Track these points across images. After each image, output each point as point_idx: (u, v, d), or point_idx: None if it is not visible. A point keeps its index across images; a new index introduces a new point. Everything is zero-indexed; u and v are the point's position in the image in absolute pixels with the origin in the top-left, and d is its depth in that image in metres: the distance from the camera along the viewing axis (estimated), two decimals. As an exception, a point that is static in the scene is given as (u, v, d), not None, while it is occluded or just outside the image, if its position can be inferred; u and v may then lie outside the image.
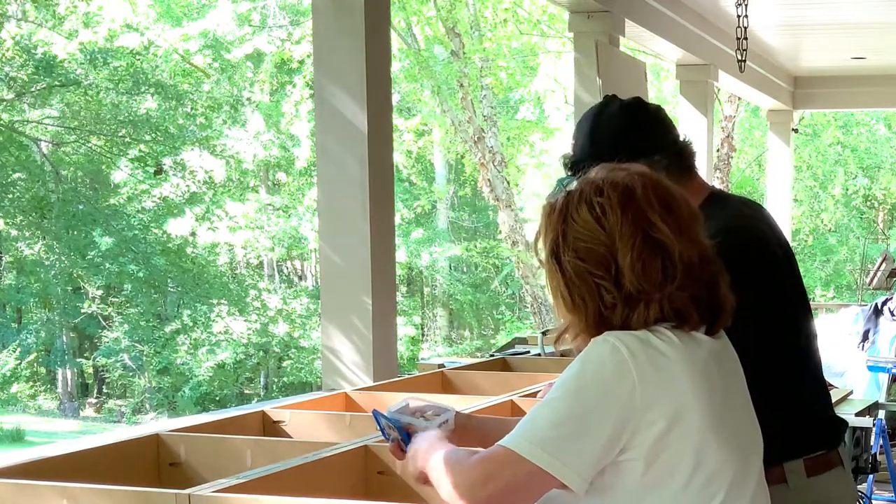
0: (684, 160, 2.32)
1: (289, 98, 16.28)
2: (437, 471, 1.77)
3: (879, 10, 8.06)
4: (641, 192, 1.73)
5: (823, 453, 2.26)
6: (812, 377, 2.35)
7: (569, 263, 1.73)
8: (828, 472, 2.26)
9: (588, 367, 1.67)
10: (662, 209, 1.72)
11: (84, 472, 2.57)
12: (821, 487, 2.24)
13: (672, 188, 1.78)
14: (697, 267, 1.72)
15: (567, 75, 13.81)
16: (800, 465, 2.22)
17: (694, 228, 1.75)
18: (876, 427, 5.68)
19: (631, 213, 1.71)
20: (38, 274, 19.11)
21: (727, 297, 1.78)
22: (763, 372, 2.09)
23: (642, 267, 1.69)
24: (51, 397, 21.66)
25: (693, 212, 1.77)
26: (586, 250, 1.72)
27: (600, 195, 1.73)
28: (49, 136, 18.73)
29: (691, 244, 1.73)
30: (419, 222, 21.66)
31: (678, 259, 1.70)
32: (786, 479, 2.19)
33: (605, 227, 1.71)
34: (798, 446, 2.23)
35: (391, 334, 4.60)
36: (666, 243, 1.70)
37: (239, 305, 20.00)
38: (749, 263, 2.13)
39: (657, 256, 1.70)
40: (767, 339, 2.20)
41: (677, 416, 1.66)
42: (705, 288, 1.74)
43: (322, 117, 4.41)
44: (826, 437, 2.30)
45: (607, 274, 1.71)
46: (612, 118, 2.30)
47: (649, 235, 1.70)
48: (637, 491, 1.68)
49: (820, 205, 21.39)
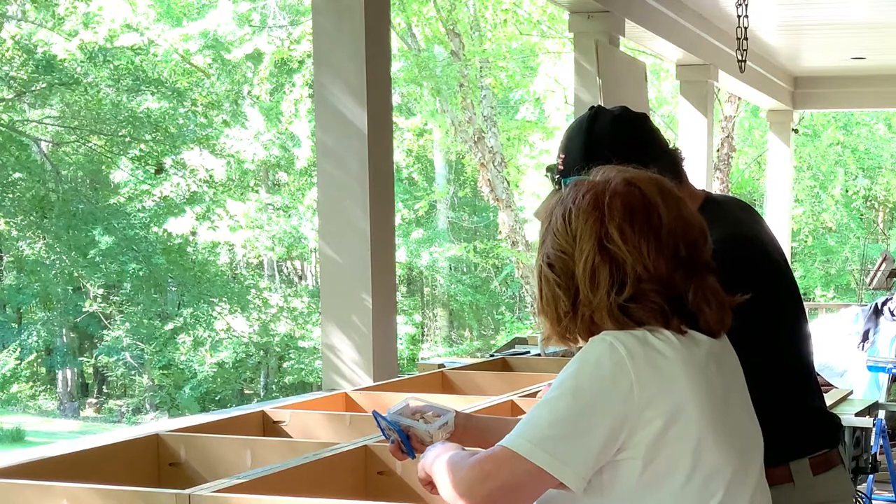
0: (677, 168, 2.30)
1: (288, 97, 16.27)
2: (440, 473, 1.78)
3: (879, 10, 8.06)
4: (608, 201, 1.72)
5: (825, 452, 2.27)
6: (810, 378, 2.37)
7: (541, 268, 1.77)
8: (830, 470, 2.27)
9: (586, 366, 1.67)
10: (624, 219, 1.71)
11: (84, 472, 2.57)
12: (824, 486, 2.25)
13: (651, 198, 1.74)
14: (663, 277, 1.70)
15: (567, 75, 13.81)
16: (805, 465, 2.22)
17: (664, 238, 1.72)
18: (876, 427, 5.68)
19: (591, 221, 1.71)
20: (39, 273, 19.10)
21: (702, 306, 1.74)
22: (767, 374, 2.12)
23: (592, 276, 1.70)
24: (51, 397, 21.66)
25: (675, 221, 1.73)
26: (555, 257, 1.74)
27: (573, 201, 1.74)
28: (49, 136, 18.74)
29: (656, 255, 1.70)
30: (419, 222, 21.66)
31: (630, 270, 1.69)
32: (792, 478, 2.20)
33: (570, 233, 1.73)
34: (803, 446, 2.24)
35: (391, 334, 4.60)
36: (617, 255, 1.70)
37: (239, 305, 20.01)
38: (757, 271, 2.15)
39: (606, 266, 1.70)
40: (771, 341, 2.21)
41: (675, 415, 1.66)
42: (670, 298, 1.71)
43: (322, 116, 4.41)
44: (827, 436, 2.31)
45: (569, 282, 1.73)
46: (604, 131, 2.27)
47: (604, 245, 1.70)
48: (635, 490, 1.68)
49: (820, 205, 21.37)
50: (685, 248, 1.73)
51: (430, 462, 1.85)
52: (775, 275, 2.28)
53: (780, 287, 2.29)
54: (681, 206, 1.77)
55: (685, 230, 1.75)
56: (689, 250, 1.74)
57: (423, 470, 1.87)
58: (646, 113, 2.44)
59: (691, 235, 1.76)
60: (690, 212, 1.78)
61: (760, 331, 2.13)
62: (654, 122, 2.41)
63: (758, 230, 2.34)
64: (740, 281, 1.80)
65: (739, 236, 2.20)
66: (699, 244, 1.77)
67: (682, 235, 1.74)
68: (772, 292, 2.20)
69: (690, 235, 1.75)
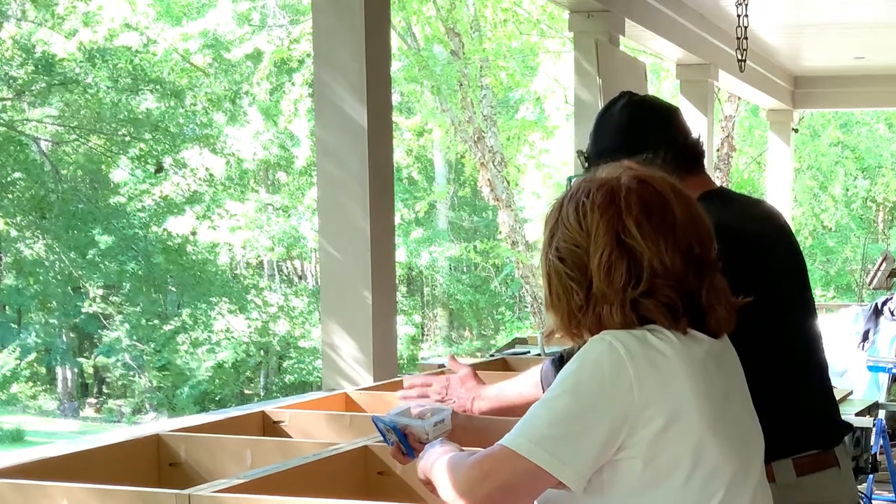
0: (684, 159, 2.31)
1: (287, 96, 16.26)
2: (439, 475, 1.78)
3: (879, 10, 8.06)
4: (624, 195, 1.73)
5: (816, 453, 2.25)
6: (813, 377, 2.35)
7: (550, 262, 1.76)
8: (820, 471, 2.24)
9: (585, 365, 1.67)
10: (641, 213, 1.71)
11: (84, 472, 2.57)
12: (812, 487, 2.23)
13: (666, 193, 1.76)
14: (676, 274, 1.71)
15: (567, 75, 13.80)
16: (788, 465, 2.21)
17: (680, 235, 1.73)
18: (876, 427, 5.68)
19: (608, 215, 1.71)
20: (38, 274, 19.10)
21: (714, 304, 1.75)
22: (759, 371, 2.06)
23: (608, 270, 1.70)
24: (51, 397, 21.66)
25: (686, 220, 1.75)
26: (567, 251, 1.74)
27: (587, 196, 1.74)
28: (49, 136, 18.74)
29: (671, 251, 1.71)
30: (419, 222, 21.66)
31: (647, 265, 1.70)
32: (774, 477, 2.15)
33: (583, 227, 1.72)
34: (786, 445, 2.21)
35: (391, 333, 4.59)
36: (636, 248, 1.70)
37: (239, 305, 20.01)
38: (741, 264, 2.08)
39: (624, 261, 1.70)
40: (764, 338, 2.19)
41: (675, 414, 1.66)
42: (683, 295, 1.72)
43: (322, 115, 4.40)
44: (818, 436, 2.28)
45: (581, 276, 1.72)
46: (613, 115, 2.35)
47: (621, 239, 1.70)
48: (635, 489, 1.68)
49: (820, 205, 21.37)
50: (698, 247, 1.75)
51: (429, 464, 1.85)
52: (766, 266, 2.24)
53: (775, 281, 2.25)
54: (691, 204, 1.78)
55: (696, 229, 1.76)
56: (700, 249, 1.75)
57: (423, 472, 1.88)
58: (673, 105, 2.50)
59: (702, 234, 1.77)
60: (700, 211, 1.79)
61: (754, 324, 2.07)
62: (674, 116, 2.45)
63: (757, 223, 2.30)
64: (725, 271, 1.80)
65: (724, 227, 2.17)
66: (708, 243, 1.78)
67: (695, 234, 1.75)
68: (762, 285, 2.14)
69: (701, 234, 1.76)
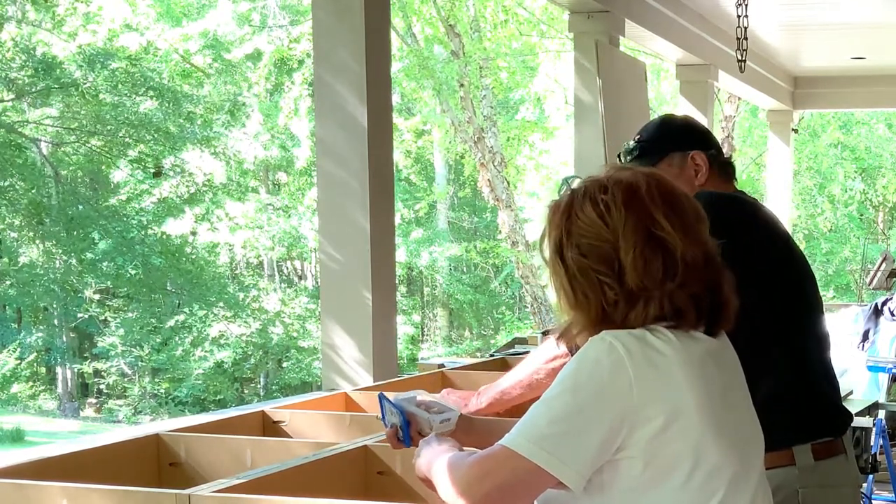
0: (727, 165, 2.66)
1: (287, 96, 16.25)
2: (439, 474, 1.78)
3: (879, 10, 8.06)
4: (646, 190, 1.73)
5: (829, 440, 2.37)
6: (821, 366, 2.45)
7: (572, 260, 1.74)
8: (833, 457, 2.37)
9: (585, 365, 1.68)
10: (666, 207, 1.73)
11: (84, 472, 2.57)
12: (826, 471, 2.34)
13: (677, 189, 1.79)
14: (700, 267, 1.73)
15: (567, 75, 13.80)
16: (807, 449, 2.32)
17: (698, 229, 1.76)
18: (876, 427, 5.68)
19: (634, 210, 1.72)
20: (38, 274, 19.10)
21: (730, 299, 1.78)
22: (774, 359, 2.27)
23: (644, 264, 1.70)
24: (51, 397, 21.65)
25: (698, 213, 1.78)
26: (589, 247, 1.73)
27: (605, 192, 1.74)
28: (48, 137, 18.73)
29: (695, 244, 1.73)
30: (419, 222, 21.66)
31: (680, 257, 1.71)
32: (794, 460, 2.30)
33: (608, 223, 1.72)
34: (806, 432, 2.34)
35: (391, 333, 4.59)
36: (668, 241, 1.71)
37: (239, 305, 20.00)
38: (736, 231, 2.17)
39: (659, 254, 1.70)
40: (792, 332, 2.35)
41: (674, 413, 1.66)
42: (707, 288, 1.74)
43: (322, 114, 4.40)
44: (831, 425, 2.41)
45: (610, 271, 1.71)
46: (676, 118, 2.78)
47: (652, 233, 1.71)
48: (635, 489, 1.68)
49: (819, 205, 21.37)
50: (709, 241, 1.77)
51: (428, 463, 1.85)
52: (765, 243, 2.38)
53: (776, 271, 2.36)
54: (692, 200, 1.81)
55: (705, 224, 1.79)
56: (711, 243, 1.78)
57: (420, 470, 1.87)
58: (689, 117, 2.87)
59: (708, 230, 1.80)
60: (701, 208, 1.82)
61: (760, 316, 2.21)
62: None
63: (752, 204, 2.48)
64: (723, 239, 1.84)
65: (717, 197, 2.40)
66: (713, 239, 1.80)
67: (705, 229, 1.78)
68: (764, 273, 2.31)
69: (708, 229, 1.79)
